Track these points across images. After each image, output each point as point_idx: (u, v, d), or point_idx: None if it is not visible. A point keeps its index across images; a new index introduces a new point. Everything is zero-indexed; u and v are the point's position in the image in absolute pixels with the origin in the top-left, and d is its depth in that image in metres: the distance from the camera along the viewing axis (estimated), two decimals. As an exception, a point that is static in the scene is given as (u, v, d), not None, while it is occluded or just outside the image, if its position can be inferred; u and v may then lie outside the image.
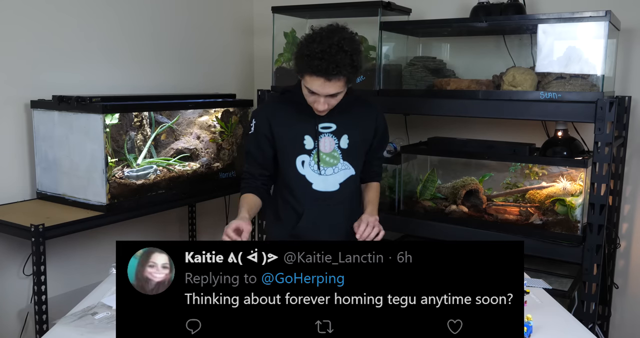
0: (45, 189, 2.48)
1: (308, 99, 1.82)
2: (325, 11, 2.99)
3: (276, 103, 1.99)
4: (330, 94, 1.75)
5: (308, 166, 1.89)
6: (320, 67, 1.68)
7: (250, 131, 1.95)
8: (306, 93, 1.80)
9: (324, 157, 1.89)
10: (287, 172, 1.92)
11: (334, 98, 1.79)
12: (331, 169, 1.90)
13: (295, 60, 1.77)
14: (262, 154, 1.94)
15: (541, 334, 1.37)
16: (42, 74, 2.51)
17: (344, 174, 1.92)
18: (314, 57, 1.68)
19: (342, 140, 1.91)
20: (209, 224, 3.48)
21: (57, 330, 1.35)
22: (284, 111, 1.92)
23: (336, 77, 1.70)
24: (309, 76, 1.72)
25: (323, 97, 1.76)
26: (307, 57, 1.70)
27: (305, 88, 1.79)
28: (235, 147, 3.03)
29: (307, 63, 1.70)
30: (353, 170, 1.94)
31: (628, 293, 2.72)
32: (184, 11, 3.17)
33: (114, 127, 2.35)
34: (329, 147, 1.90)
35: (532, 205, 2.46)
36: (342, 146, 1.91)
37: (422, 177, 2.73)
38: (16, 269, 2.49)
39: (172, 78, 3.13)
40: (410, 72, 2.71)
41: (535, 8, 2.71)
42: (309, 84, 1.74)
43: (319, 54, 1.68)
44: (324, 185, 1.90)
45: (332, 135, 1.91)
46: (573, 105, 2.19)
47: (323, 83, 1.71)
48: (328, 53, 1.67)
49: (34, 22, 2.46)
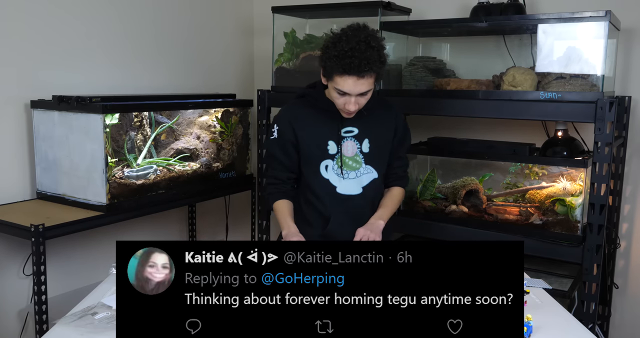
0: (45, 189, 2.48)
1: (338, 101, 1.80)
2: (325, 11, 2.99)
3: (298, 107, 1.96)
4: (362, 92, 1.74)
5: (332, 170, 1.90)
6: (352, 65, 1.67)
7: (272, 136, 1.93)
8: (335, 95, 1.79)
9: (347, 161, 1.90)
10: (310, 176, 1.92)
11: (364, 97, 1.79)
12: (354, 172, 1.91)
13: (323, 63, 1.76)
14: (289, 158, 1.93)
15: (541, 334, 1.37)
16: (42, 74, 2.51)
17: (367, 178, 1.93)
18: (344, 56, 1.68)
19: (363, 144, 1.92)
20: (209, 224, 3.48)
21: (57, 330, 1.35)
22: (307, 116, 1.92)
23: (368, 74, 1.71)
24: (340, 76, 1.71)
25: (354, 96, 1.75)
26: (336, 57, 1.69)
27: (334, 90, 1.77)
28: (235, 147, 3.03)
29: (338, 63, 1.69)
30: (376, 173, 1.94)
31: (628, 293, 2.72)
32: (184, 11, 3.17)
33: (114, 127, 2.35)
34: (352, 151, 1.91)
35: (532, 205, 2.46)
36: (364, 150, 1.92)
37: (422, 177, 2.73)
38: (16, 269, 2.49)
39: (172, 78, 3.13)
40: (410, 72, 2.71)
41: (535, 8, 2.71)
42: (340, 84, 1.73)
43: (349, 52, 1.68)
44: (347, 188, 1.91)
45: (354, 139, 1.91)
46: (573, 105, 2.19)
47: (355, 81, 1.71)
48: (357, 50, 1.68)
49: (34, 22, 2.46)
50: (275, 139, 1.93)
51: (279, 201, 1.92)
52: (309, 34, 3.03)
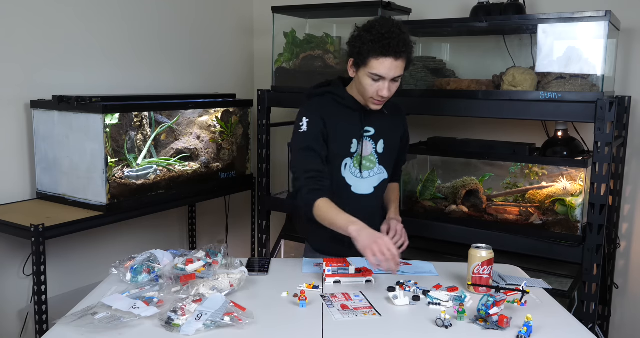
0: (45, 189, 2.48)
1: (370, 88, 1.78)
2: (325, 11, 2.99)
3: (325, 103, 1.91)
4: (396, 76, 1.75)
5: (349, 169, 1.89)
6: (391, 46, 1.70)
7: (301, 130, 1.84)
8: (368, 83, 1.77)
9: (362, 161, 1.90)
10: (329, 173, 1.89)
11: (396, 84, 1.79)
12: (367, 172, 1.92)
13: (357, 49, 1.76)
14: (323, 149, 1.85)
15: (541, 334, 1.37)
16: (42, 74, 2.51)
17: (378, 178, 1.94)
18: (382, 38, 1.70)
19: (379, 144, 1.93)
20: (209, 224, 3.48)
21: (57, 330, 1.35)
22: (334, 112, 1.88)
23: (403, 56, 1.74)
24: (377, 59, 1.72)
25: (388, 82, 1.76)
26: (372, 41, 1.71)
27: (368, 77, 1.76)
28: (235, 147, 3.03)
29: (375, 45, 1.71)
30: (386, 174, 1.96)
31: (628, 293, 2.72)
32: (184, 11, 3.17)
33: (114, 127, 2.35)
34: (368, 150, 1.91)
35: (532, 205, 2.46)
36: (378, 150, 1.93)
37: (422, 177, 2.73)
38: (16, 269, 2.49)
39: (172, 78, 3.13)
40: (410, 72, 2.71)
41: (535, 8, 2.71)
42: (377, 67, 1.73)
43: (386, 34, 1.71)
44: (361, 188, 1.91)
45: (370, 140, 1.91)
46: (573, 105, 2.19)
47: (392, 63, 1.72)
48: (394, 32, 1.72)
49: (34, 22, 2.46)
50: (306, 132, 1.84)
51: (324, 199, 1.76)
52: (309, 34, 3.03)
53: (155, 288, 1.54)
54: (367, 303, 1.53)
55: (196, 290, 1.49)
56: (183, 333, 1.32)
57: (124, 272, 1.64)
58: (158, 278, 1.60)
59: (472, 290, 1.62)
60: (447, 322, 1.38)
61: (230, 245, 3.49)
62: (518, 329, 1.35)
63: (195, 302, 1.41)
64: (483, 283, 1.61)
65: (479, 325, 1.40)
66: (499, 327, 1.38)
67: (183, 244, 3.35)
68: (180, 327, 1.33)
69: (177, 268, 1.59)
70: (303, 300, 1.50)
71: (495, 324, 1.38)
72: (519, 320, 1.39)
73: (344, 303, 1.53)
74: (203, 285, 1.51)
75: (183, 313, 1.37)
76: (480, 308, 1.40)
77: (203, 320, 1.34)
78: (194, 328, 1.33)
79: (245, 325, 1.36)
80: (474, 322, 1.42)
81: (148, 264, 1.65)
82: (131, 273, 1.62)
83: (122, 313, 1.38)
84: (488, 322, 1.39)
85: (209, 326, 1.34)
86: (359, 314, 1.46)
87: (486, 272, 1.61)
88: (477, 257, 1.60)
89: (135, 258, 1.67)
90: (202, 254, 1.70)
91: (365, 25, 1.78)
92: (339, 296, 1.58)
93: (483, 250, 1.61)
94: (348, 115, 1.89)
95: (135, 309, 1.40)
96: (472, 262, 1.62)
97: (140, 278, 1.61)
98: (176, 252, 1.72)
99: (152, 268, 1.63)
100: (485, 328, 1.39)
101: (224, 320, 1.36)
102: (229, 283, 1.55)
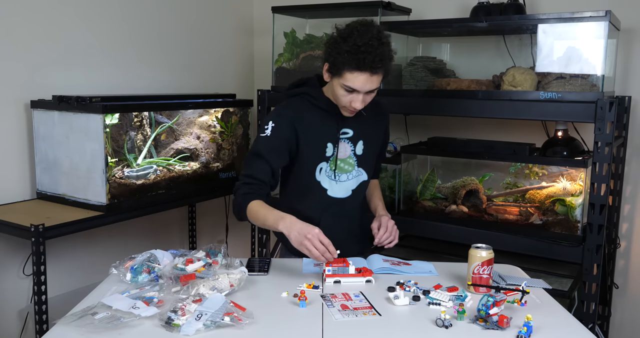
0: (45, 189, 2.48)
1: (343, 98, 1.72)
2: (325, 11, 2.99)
3: (299, 106, 1.83)
4: (371, 89, 1.69)
5: (324, 172, 1.85)
6: (367, 61, 1.61)
7: (263, 133, 1.78)
8: (341, 93, 1.71)
9: (340, 164, 1.85)
10: (302, 179, 1.85)
11: (371, 95, 1.73)
12: (345, 175, 1.87)
13: (332, 58, 1.67)
14: (278, 160, 1.79)
15: (541, 334, 1.37)
16: (42, 74, 2.51)
17: (356, 181, 1.90)
18: (357, 51, 1.61)
19: (357, 146, 1.88)
20: (209, 224, 3.48)
21: (57, 330, 1.35)
22: (309, 116, 1.82)
23: (380, 71, 1.66)
24: (351, 72, 1.64)
25: (362, 94, 1.69)
26: (348, 53, 1.62)
27: (341, 87, 1.69)
28: (235, 147, 3.03)
29: (350, 58, 1.62)
30: (366, 175, 1.92)
31: (628, 293, 2.72)
32: (184, 11, 3.17)
33: (114, 127, 2.35)
34: (345, 153, 1.86)
35: (532, 205, 2.46)
36: (357, 152, 1.88)
37: (422, 177, 2.73)
38: (16, 269, 2.49)
39: (172, 78, 3.13)
40: (410, 72, 2.71)
41: (535, 8, 2.71)
42: (351, 81, 1.65)
43: (362, 47, 1.61)
44: (338, 191, 1.87)
45: (348, 141, 1.86)
46: (573, 105, 2.19)
47: (367, 78, 1.65)
48: (371, 46, 1.62)
49: (33, 22, 2.46)
50: (267, 137, 1.77)
51: (257, 201, 1.72)
52: (309, 34, 3.03)
53: (155, 288, 1.54)
54: (367, 303, 1.53)
55: (196, 290, 1.49)
56: (183, 333, 1.32)
57: (124, 272, 1.64)
58: (158, 278, 1.60)
59: (472, 290, 1.62)
60: (447, 322, 1.38)
61: (230, 245, 3.49)
62: (518, 329, 1.35)
63: (195, 302, 1.41)
64: (483, 283, 1.61)
65: (479, 325, 1.40)
66: (499, 327, 1.38)
67: (183, 244, 3.35)
68: (180, 327, 1.33)
69: (177, 268, 1.59)
70: (303, 300, 1.50)
71: (495, 324, 1.38)
72: (519, 320, 1.39)
73: (344, 303, 1.53)
74: (203, 285, 1.51)
75: (183, 313, 1.37)
76: (480, 308, 1.40)
77: (203, 320, 1.34)
78: (194, 328, 1.33)
79: (245, 325, 1.36)
80: (474, 322, 1.42)
81: (148, 264, 1.65)
82: (131, 273, 1.62)
83: (122, 313, 1.38)
84: (488, 322, 1.39)
85: (209, 326, 1.34)
86: (359, 314, 1.46)
87: (486, 272, 1.61)
88: (477, 257, 1.60)
89: (135, 258, 1.67)
90: (202, 254, 1.70)
91: (343, 30, 1.68)
92: (339, 296, 1.58)
93: (483, 250, 1.61)
94: (323, 117, 1.82)
95: (135, 309, 1.40)
96: (472, 262, 1.62)
97: (140, 278, 1.61)
98: (176, 252, 1.72)
99: (152, 268, 1.63)
100: (485, 328, 1.39)
101: (224, 320, 1.36)
102: (229, 283, 1.55)
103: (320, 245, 1.59)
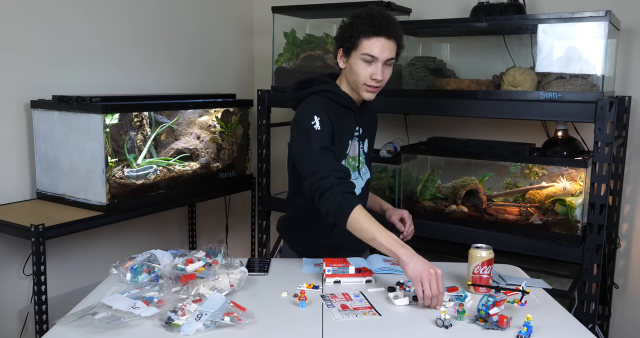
0: (45, 189, 2.49)
1: (364, 72, 1.71)
2: (325, 11, 2.99)
3: (325, 103, 1.80)
4: (388, 58, 1.71)
5: None
6: (382, 24, 1.69)
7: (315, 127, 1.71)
8: (361, 65, 1.71)
9: (351, 162, 1.87)
10: None
11: (388, 68, 1.75)
12: (355, 173, 1.87)
13: (347, 34, 1.73)
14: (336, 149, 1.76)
15: (541, 334, 1.37)
16: (42, 74, 2.52)
17: (364, 178, 1.92)
18: (372, 18, 1.69)
19: (365, 144, 1.91)
20: (209, 224, 3.48)
21: (57, 330, 1.35)
22: (336, 112, 1.79)
23: (394, 37, 1.71)
24: (368, 39, 1.69)
25: (382, 64, 1.71)
26: (362, 23, 1.70)
27: (360, 60, 1.71)
28: (235, 147, 3.03)
29: (366, 25, 1.69)
30: (369, 173, 1.94)
31: (628, 293, 2.72)
32: (184, 11, 3.17)
33: (114, 127, 2.35)
34: (356, 151, 1.87)
35: (532, 205, 2.46)
36: (365, 150, 1.90)
37: (422, 177, 2.73)
38: (16, 269, 2.49)
39: (172, 78, 3.13)
40: (410, 72, 2.71)
41: (535, 8, 2.71)
42: (369, 47, 1.69)
43: (376, 15, 1.70)
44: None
45: (358, 139, 1.87)
46: (573, 105, 2.19)
47: (384, 43, 1.69)
48: (383, 14, 1.71)
49: (34, 22, 2.46)
50: (320, 131, 1.72)
51: (359, 207, 1.63)
52: (309, 34, 3.03)
53: (155, 288, 1.54)
54: (367, 303, 1.53)
55: (196, 290, 1.49)
56: (183, 333, 1.32)
57: (124, 272, 1.64)
58: (158, 278, 1.59)
59: (472, 290, 1.62)
60: (447, 322, 1.38)
61: (230, 245, 3.49)
62: (518, 329, 1.35)
63: (195, 302, 1.41)
64: (483, 283, 1.61)
65: (479, 325, 1.40)
66: (499, 327, 1.38)
67: (183, 244, 3.35)
68: (180, 327, 1.33)
69: (177, 268, 1.59)
70: (303, 300, 1.50)
71: (495, 324, 1.38)
72: (519, 320, 1.39)
73: (344, 303, 1.53)
74: (203, 285, 1.51)
75: (183, 313, 1.37)
76: (480, 308, 1.40)
77: (203, 320, 1.34)
78: (194, 328, 1.33)
79: (245, 325, 1.36)
80: (474, 322, 1.42)
81: (148, 264, 1.64)
82: (131, 273, 1.62)
83: (122, 313, 1.38)
84: (488, 322, 1.39)
85: (209, 326, 1.34)
86: (359, 314, 1.46)
87: (486, 272, 1.61)
88: (477, 257, 1.60)
89: (135, 258, 1.67)
90: (202, 254, 1.70)
91: (351, 15, 1.77)
92: (339, 296, 1.58)
93: (483, 250, 1.61)
94: (345, 114, 1.82)
95: (135, 309, 1.40)
96: (472, 262, 1.61)
97: (140, 278, 1.61)
98: (176, 252, 1.72)
99: (152, 268, 1.63)
100: (485, 328, 1.39)
101: (224, 320, 1.35)
102: (229, 283, 1.54)
103: (435, 287, 1.49)
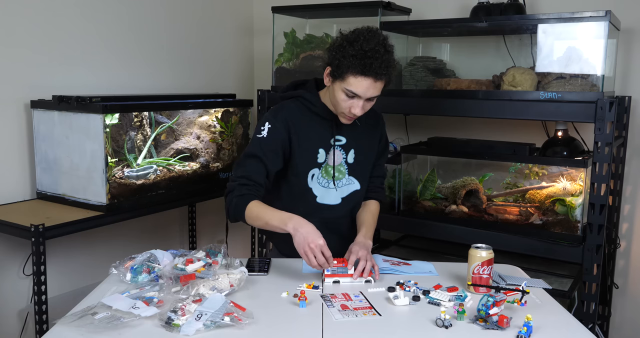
0: (45, 189, 2.49)
1: (343, 104, 1.69)
2: (325, 11, 2.99)
3: (293, 108, 1.81)
4: (372, 96, 1.67)
5: (316, 179, 1.83)
6: (373, 66, 1.60)
7: (259, 134, 1.76)
8: (342, 97, 1.68)
9: (330, 171, 1.84)
10: (292, 184, 1.83)
11: (370, 103, 1.71)
12: (336, 182, 1.85)
13: (336, 62, 1.65)
14: (274, 162, 1.76)
15: (541, 334, 1.37)
16: (42, 74, 2.51)
17: (347, 189, 1.88)
18: (364, 56, 1.60)
19: (349, 154, 1.87)
20: (209, 224, 3.48)
21: (57, 330, 1.35)
22: (304, 119, 1.80)
23: (383, 77, 1.65)
24: (355, 77, 1.63)
25: (363, 100, 1.67)
26: (354, 57, 1.60)
27: (342, 92, 1.67)
28: (235, 147, 3.03)
29: (356, 62, 1.60)
30: (358, 184, 1.90)
31: (628, 293, 2.72)
32: (184, 11, 3.17)
33: (114, 127, 2.35)
34: (337, 160, 1.84)
35: (532, 205, 2.46)
36: (348, 161, 1.87)
37: (422, 177, 2.73)
38: (16, 269, 2.49)
39: (172, 78, 3.13)
40: (410, 72, 2.71)
41: (535, 8, 2.71)
42: (354, 85, 1.64)
43: (369, 52, 1.60)
44: (327, 198, 1.86)
45: (340, 149, 1.85)
46: (573, 105, 2.19)
47: (371, 84, 1.63)
48: (377, 52, 1.61)
49: (34, 22, 2.46)
50: (264, 138, 1.75)
51: (257, 201, 1.70)
52: (309, 34, 3.04)
53: (155, 288, 1.54)
54: (367, 303, 1.53)
55: (196, 290, 1.49)
56: (183, 333, 1.32)
57: (124, 272, 1.64)
58: (158, 278, 1.60)
59: (472, 290, 1.62)
60: (447, 322, 1.38)
61: (230, 245, 3.49)
62: (518, 329, 1.35)
63: (195, 302, 1.41)
64: (483, 283, 1.61)
65: (479, 325, 1.40)
66: (499, 327, 1.38)
67: (183, 244, 3.35)
68: (180, 327, 1.33)
69: (177, 268, 1.59)
70: (303, 300, 1.50)
71: (495, 324, 1.38)
72: (519, 320, 1.39)
73: (344, 304, 1.53)
74: (203, 285, 1.51)
75: (183, 313, 1.37)
76: (480, 308, 1.40)
77: (203, 320, 1.34)
78: (194, 328, 1.33)
79: (245, 325, 1.36)
80: (474, 322, 1.42)
81: (148, 264, 1.65)
82: (131, 273, 1.62)
83: (122, 313, 1.38)
84: (488, 322, 1.39)
85: (209, 326, 1.34)
86: (359, 314, 1.46)
87: (486, 272, 1.61)
88: (477, 257, 1.60)
89: (135, 258, 1.67)
90: (202, 254, 1.70)
91: (349, 35, 1.67)
92: (338, 296, 1.58)
93: (483, 250, 1.61)
94: (318, 122, 1.80)
95: (135, 309, 1.40)
96: (472, 262, 1.62)
97: (140, 278, 1.61)
98: (176, 252, 1.72)
99: (152, 268, 1.63)
100: (485, 328, 1.39)
101: (224, 320, 1.36)
102: (229, 283, 1.55)
103: (321, 257, 1.59)
